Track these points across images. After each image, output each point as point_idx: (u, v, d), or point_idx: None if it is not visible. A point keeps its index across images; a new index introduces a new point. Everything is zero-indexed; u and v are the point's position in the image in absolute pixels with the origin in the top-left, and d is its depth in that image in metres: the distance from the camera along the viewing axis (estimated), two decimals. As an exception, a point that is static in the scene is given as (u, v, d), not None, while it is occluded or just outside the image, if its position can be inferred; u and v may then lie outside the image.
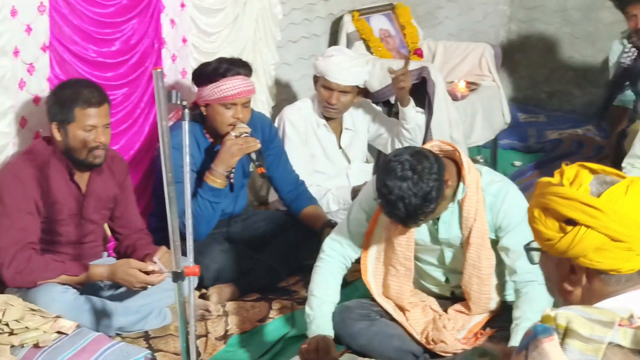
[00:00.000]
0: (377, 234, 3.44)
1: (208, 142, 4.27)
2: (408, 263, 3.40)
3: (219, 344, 3.79)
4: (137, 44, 4.38)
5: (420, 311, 3.44)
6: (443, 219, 3.32)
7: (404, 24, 6.41)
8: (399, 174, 3.03)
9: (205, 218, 4.12)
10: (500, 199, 3.27)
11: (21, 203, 3.57)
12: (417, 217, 3.06)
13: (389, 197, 3.03)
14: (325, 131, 4.79)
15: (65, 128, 3.64)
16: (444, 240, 3.37)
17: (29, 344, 3.06)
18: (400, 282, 3.43)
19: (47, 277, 3.54)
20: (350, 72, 4.59)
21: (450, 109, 5.58)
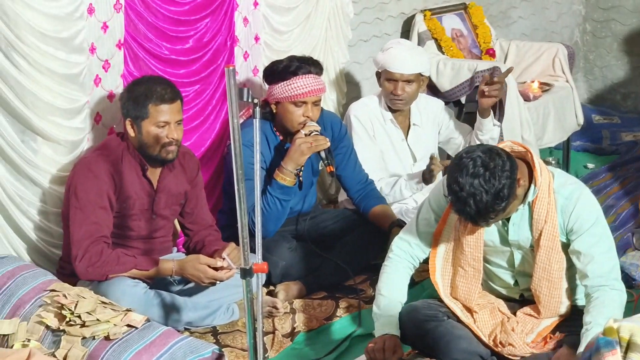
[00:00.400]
0: (445, 234, 3.42)
1: (278, 139, 4.28)
2: (476, 264, 3.37)
3: (285, 341, 3.80)
4: (210, 41, 4.42)
5: (489, 313, 3.41)
6: (513, 221, 3.28)
7: (476, 24, 6.36)
8: (471, 171, 3.00)
9: (274, 215, 4.13)
10: (572, 202, 3.22)
11: (95, 197, 3.63)
12: (488, 215, 3.03)
13: (460, 194, 3.01)
14: (392, 126, 4.78)
15: (139, 124, 3.69)
16: (514, 242, 3.33)
17: (99, 336, 3.10)
18: (468, 283, 3.40)
19: (118, 270, 3.59)
20: (411, 60, 4.59)
21: (522, 109, 5.51)
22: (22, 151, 3.68)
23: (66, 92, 3.74)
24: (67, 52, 3.70)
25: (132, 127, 3.71)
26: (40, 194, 3.83)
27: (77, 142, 3.88)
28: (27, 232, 3.81)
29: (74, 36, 3.72)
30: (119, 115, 3.95)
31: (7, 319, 3.25)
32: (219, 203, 4.51)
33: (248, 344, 2.95)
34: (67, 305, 3.17)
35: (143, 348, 3.05)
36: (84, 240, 3.58)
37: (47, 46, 3.61)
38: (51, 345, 3.12)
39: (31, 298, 3.32)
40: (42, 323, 3.17)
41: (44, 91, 3.65)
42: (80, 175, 3.65)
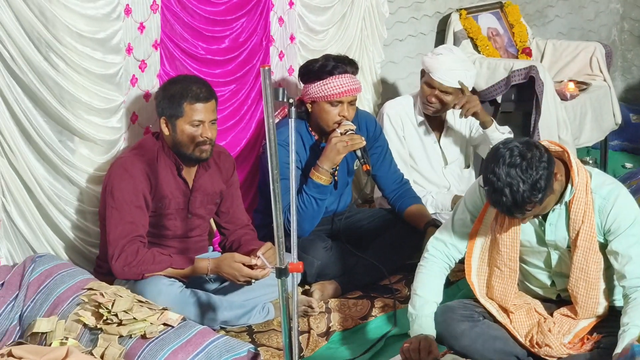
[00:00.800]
0: (481, 234, 3.40)
1: (313, 139, 4.29)
2: (513, 264, 3.35)
3: (321, 341, 3.80)
4: (246, 41, 4.43)
5: (525, 314, 3.39)
6: (550, 221, 3.26)
7: (512, 23, 6.32)
8: (508, 160, 2.99)
9: (310, 215, 4.14)
10: (610, 202, 3.19)
11: (131, 197, 3.65)
12: (524, 205, 3.00)
13: (497, 184, 2.99)
14: (424, 128, 4.76)
15: (174, 123, 3.71)
16: (551, 243, 3.31)
17: (136, 334, 3.12)
18: (504, 283, 3.38)
19: (154, 269, 3.61)
20: (455, 73, 4.54)
21: (558, 109, 5.48)
22: (60, 151, 3.71)
23: (103, 92, 3.77)
24: (103, 53, 3.73)
25: (167, 125, 3.73)
26: (78, 193, 3.86)
27: (114, 141, 3.91)
28: (65, 231, 3.84)
29: (111, 37, 3.74)
30: (154, 115, 3.97)
31: (45, 317, 3.28)
32: (254, 202, 4.52)
33: (283, 343, 2.95)
34: (104, 303, 3.19)
35: (179, 347, 3.07)
36: (120, 240, 3.60)
37: (84, 47, 3.64)
38: (88, 344, 3.14)
39: (69, 296, 3.35)
40: (80, 321, 3.19)
41: (81, 91, 3.68)
42: (117, 175, 3.68)
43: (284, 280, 2.83)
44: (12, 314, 3.38)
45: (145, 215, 3.70)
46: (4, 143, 3.53)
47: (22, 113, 3.54)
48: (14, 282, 3.46)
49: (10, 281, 3.46)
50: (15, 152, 3.56)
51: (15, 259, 3.69)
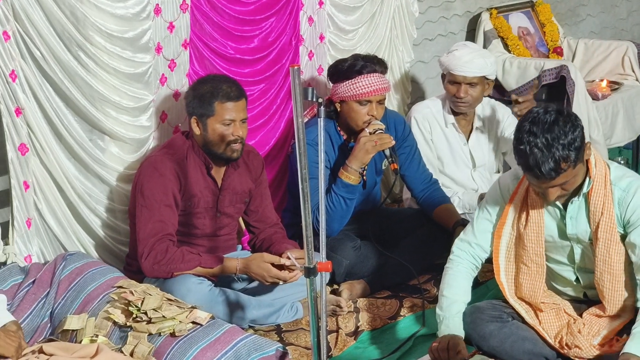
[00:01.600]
0: (506, 232, 3.39)
1: (342, 139, 4.29)
2: (539, 259, 3.33)
3: (349, 340, 3.80)
4: (275, 41, 4.44)
5: (554, 315, 3.37)
6: (570, 213, 3.25)
7: (544, 22, 6.29)
8: (544, 119, 3.01)
9: (338, 214, 4.13)
10: (630, 194, 3.18)
11: (161, 196, 3.67)
12: (560, 163, 2.98)
13: (534, 141, 2.98)
14: (453, 130, 4.74)
15: (204, 122, 3.72)
16: (572, 236, 3.29)
17: (165, 332, 3.13)
18: (532, 280, 3.36)
19: (183, 268, 3.63)
20: (474, 63, 4.53)
21: (590, 108, 5.44)
22: (90, 149, 3.74)
23: (132, 91, 3.79)
24: (133, 52, 3.75)
25: (198, 124, 3.74)
26: (108, 191, 3.89)
27: (143, 140, 3.93)
28: (95, 229, 3.87)
29: (140, 36, 3.77)
30: (184, 114, 3.98)
31: (76, 314, 3.31)
32: (283, 202, 4.53)
33: (312, 343, 2.95)
34: (133, 301, 3.21)
35: (208, 345, 3.08)
36: (150, 238, 3.62)
37: (114, 46, 3.66)
38: (118, 341, 3.16)
39: (99, 294, 3.37)
40: (110, 319, 3.21)
41: (111, 90, 3.71)
42: (147, 174, 3.70)
43: (313, 280, 2.83)
44: (43, 311, 3.41)
45: (174, 214, 3.72)
46: (36, 142, 3.56)
47: (53, 112, 3.57)
48: (45, 280, 3.49)
49: (42, 278, 3.49)
50: (46, 151, 3.60)
51: (46, 257, 3.72)
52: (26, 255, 3.64)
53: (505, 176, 3.47)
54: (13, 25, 3.35)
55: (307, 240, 2.80)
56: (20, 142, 3.50)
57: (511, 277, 3.43)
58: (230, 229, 4.00)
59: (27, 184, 3.57)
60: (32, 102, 3.50)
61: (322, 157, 2.92)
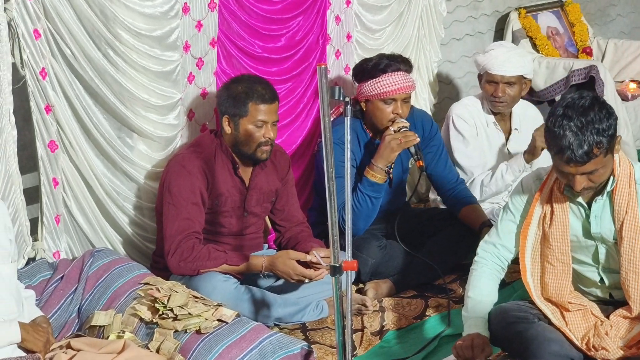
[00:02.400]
0: (531, 233, 3.37)
1: (368, 136, 4.28)
2: (565, 258, 3.31)
3: (374, 339, 3.80)
4: (302, 40, 4.44)
5: (581, 316, 3.34)
6: (594, 212, 3.23)
7: (573, 22, 6.25)
8: (581, 103, 3.00)
9: (364, 213, 4.13)
10: None
11: (188, 194, 3.68)
12: (592, 147, 2.96)
13: (568, 124, 2.97)
14: (494, 129, 4.73)
15: (237, 122, 3.73)
16: (597, 235, 3.27)
17: (191, 330, 3.14)
18: (558, 279, 3.34)
19: (209, 266, 3.64)
20: (511, 62, 4.54)
21: (619, 109, 5.40)
22: (119, 147, 3.77)
23: (160, 89, 3.82)
24: (161, 50, 3.78)
25: (229, 124, 3.75)
26: (136, 189, 3.91)
27: (171, 138, 3.95)
28: (123, 226, 3.90)
29: (169, 34, 3.79)
30: (211, 112, 4.01)
31: (103, 310, 3.33)
32: (309, 200, 4.54)
33: (337, 341, 2.95)
34: (160, 298, 3.23)
35: (233, 342, 3.09)
36: (177, 236, 3.64)
37: (142, 44, 3.69)
38: (145, 337, 3.18)
39: (126, 291, 3.39)
40: (136, 315, 3.23)
41: (139, 88, 3.74)
42: (174, 172, 3.72)
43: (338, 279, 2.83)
44: (71, 306, 3.44)
45: (201, 212, 3.73)
46: (65, 139, 3.59)
47: (82, 110, 3.61)
48: (73, 276, 3.52)
49: (70, 275, 3.52)
50: (75, 149, 3.63)
51: (74, 253, 3.76)
52: (55, 251, 3.68)
53: (528, 177, 3.46)
54: (44, 24, 3.38)
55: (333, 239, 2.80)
56: (50, 139, 3.54)
57: (537, 277, 3.41)
58: (257, 227, 4.01)
59: (56, 180, 3.60)
60: (62, 100, 3.53)
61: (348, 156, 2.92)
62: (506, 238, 3.44)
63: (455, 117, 4.66)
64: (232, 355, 3.05)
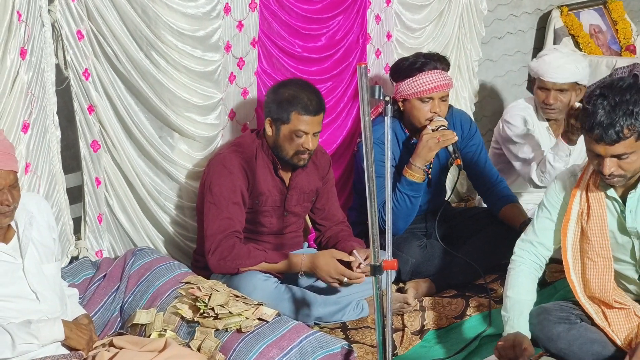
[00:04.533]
0: (571, 229, 3.34)
1: (406, 134, 4.27)
2: (605, 252, 3.27)
3: (414, 339, 3.79)
4: (342, 39, 4.44)
5: (624, 316, 3.31)
6: (629, 207, 3.20)
7: (616, 19, 6.19)
8: (618, 84, 3.00)
9: (404, 212, 4.12)
10: None
11: (229, 193, 3.70)
12: (624, 126, 2.95)
13: (601, 103, 2.97)
14: (547, 134, 4.66)
15: (278, 126, 3.74)
16: (632, 230, 3.24)
17: (232, 328, 3.16)
18: (599, 275, 3.30)
19: (248, 264, 3.66)
20: (565, 68, 4.44)
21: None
22: (160, 147, 3.80)
23: (202, 89, 3.84)
24: (203, 50, 3.80)
25: (271, 126, 3.76)
26: (177, 188, 3.94)
27: (212, 138, 3.98)
28: (164, 225, 3.93)
29: (210, 35, 3.81)
30: (252, 112, 4.02)
31: (145, 309, 3.36)
32: (349, 200, 4.54)
33: (377, 341, 2.95)
34: (201, 297, 3.25)
35: (274, 341, 3.10)
36: (217, 235, 3.66)
37: (184, 45, 3.71)
38: (186, 336, 3.20)
39: (167, 289, 3.41)
40: (178, 314, 3.26)
41: (181, 88, 3.76)
42: (215, 171, 3.73)
43: (378, 278, 2.83)
44: (113, 305, 3.47)
45: (242, 211, 3.75)
46: (108, 139, 3.63)
47: (124, 110, 3.64)
48: (116, 274, 3.55)
49: (112, 273, 3.55)
50: (117, 148, 3.66)
51: (116, 252, 3.79)
52: (97, 250, 3.72)
53: (563, 174, 3.44)
54: (87, 25, 3.42)
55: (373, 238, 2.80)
56: (93, 139, 3.57)
57: (579, 274, 3.38)
58: (297, 226, 4.02)
59: (98, 180, 3.64)
60: (104, 100, 3.57)
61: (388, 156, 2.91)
62: (543, 235, 3.42)
63: (517, 119, 4.59)
64: (273, 354, 3.06)
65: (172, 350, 2.94)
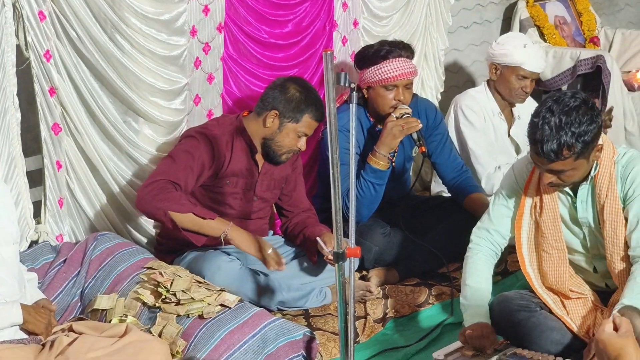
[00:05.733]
0: (525, 222, 3.37)
1: (370, 122, 4.28)
2: (559, 244, 3.31)
3: (377, 327, 3.80)
4: (309, 26, 4.43)
5: (581, 305, 3.35)
6: (580, 198, 3.24)
7: (581, 11, 6.23)
8: (568, 102, 3.02)
9: (368, 200, 4.13)
10: (629, 167, 3.19)
11: (188, 158, 3.62)
12: (563, 148, 2.99)
13: (549, 118, 3.00)
14: (499, 120, 4.78)
15: (284, 123, 3.73)
16: (583, 220, 3.27)
17: (194, 314, 3.15)
18: (555, 266, 3.34)
19: (175, 208, 3.50)
20: (540, 58, 4.70)
21: (625, 99, 5.39)
22: (124, 131, 3.76)
23: (167, 73, 3.81)
24: (168, 34, 3.77)
25: (274, 120, 3.74)
26: (141, 173, 3.90)
27: (177, 123, 3.95)
28: (128, 210, 3.89)
29: (176, 18, 3.77)
30: (218, 98, 3.99)
31: (106, 294, 3.34)
32: (314, 188, 4.53)
33: (339, 328, 2.95)
34: (163, 283, 3.23)
35: (236, 328, 3.09)
36: (159, 176, 3.56)
37: (149, 28, 3.68)
38: (147, 322, 3.18)
39: (129, 275, 3.40)
40: (139, 299, 3.24)
41: (145, 73, 3.73)
42: (184, 139, 3.70)
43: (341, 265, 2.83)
44: (73, 290, 3.45)
45: (192, 178, 3.65)
46: (70, 122, 3.59)
47: (88, 93, 3.60)
48: (77, 259, 3.52)
49: (73, 258, 3.52)
50: (80, 132, 3.62)
51: (77, 237, 3.76)
52: (58, 234, 3.68)
53: (520, 161, 3.47)
54: (49, 5, 3.37)
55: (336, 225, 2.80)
56: (54, 122, 3.53)
57: (536, 267, 3.42)
58: (264, 213, 4.00)
59: (59, 163, 3.60)
60: (67, 83, 3.53)
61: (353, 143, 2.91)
62: (499, 223, 3.44)
63: (464, 108, 4.68)
64: (235, 340, 3.06)
65: (132, 336, 2.91)
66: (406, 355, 3.62)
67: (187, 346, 3.06)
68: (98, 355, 2.81)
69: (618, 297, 3.18)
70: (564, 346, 3.24)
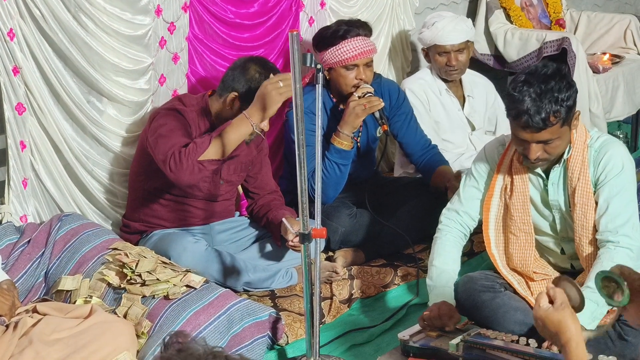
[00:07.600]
0: (494, 204, 3.40)
1: (333, 101, 4.28)
2: (527, 227, 3.34)
3: (343, 307, 3.81)
4: (275, 6, 4.41)
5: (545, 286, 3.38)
6: (552, 180, 3.27)
7: (547, -7, 6.24)
8: (541, 72, 3.05)
9: (333, 181, 4.13)
10: (602, 152, 3.22)
11: (171, 125, 3.56)
12: (549, 115, 3.01)
13: (527, 90, 3.02)
14: (448, 96, 4.82)
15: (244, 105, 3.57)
16: (554, 203, 3.30)
17: (159, 295, 3.15)
18: (521, 249, 3.37)
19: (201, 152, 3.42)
20: (458, 29, 4.71)
21: (590, 81, 5.42)
22: (89, 111, 3.73)
23: (131, 53, 3.78)
24: (132, 14, 3.73)
25: (234, 102, 3.66)
26: (106, 154, 3.88)
27: (141, 103, 3.92)
28: (92, 191, 3.87)
29: (140, -3, 3.74)
30: (183, 78, 3.97)
31: (70, 275, 3.32)
32: (280, 169, 4.53)
33: (305, 309, 2.97)
34: (128, 264, 3.23)
35: (201, 309, 3.10)
36: (168, 151, 3.45)
37: (113, 7, 3.64)
38: (112, 303, 3.18)
39: (94, 256, 3.38)
40: (104, 281, 3.23)
41: (110, 52, 3.69)
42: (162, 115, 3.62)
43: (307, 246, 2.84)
44: (37, 271, 3.43)
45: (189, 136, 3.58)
46: (34, 102, 3.55)
47: (51, 72, 3.56)
48: (41, 240, 3.50)
49: (37, 239, 3.50)
50: (44, 111, 3.59)
51: (42, 217, 3.72)
52: (22, 215, 3.65)
53: (491, 143, 3.48)
54: (12, -16, 3.33)
55: (302, 206, 2.80)
56: (18, 102, 3.49)
57: (502, 248, 3.44)
58: (230, 195, 3.99)
59: (23, 143, 3.57)
60: (30, 62, 3.49)
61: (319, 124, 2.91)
62: (469, 205, 3.46)
63: (408, 92, 4.71)
64: (200, 321, 3.06)
65: (97, 317, 2.91)
66: (371, 335, 3.64)
67: (152, 327, 3.06)
68: (63, 336, 2.81)
69: (583, 279, 3.21)
70: (528, 326, 3.26)
